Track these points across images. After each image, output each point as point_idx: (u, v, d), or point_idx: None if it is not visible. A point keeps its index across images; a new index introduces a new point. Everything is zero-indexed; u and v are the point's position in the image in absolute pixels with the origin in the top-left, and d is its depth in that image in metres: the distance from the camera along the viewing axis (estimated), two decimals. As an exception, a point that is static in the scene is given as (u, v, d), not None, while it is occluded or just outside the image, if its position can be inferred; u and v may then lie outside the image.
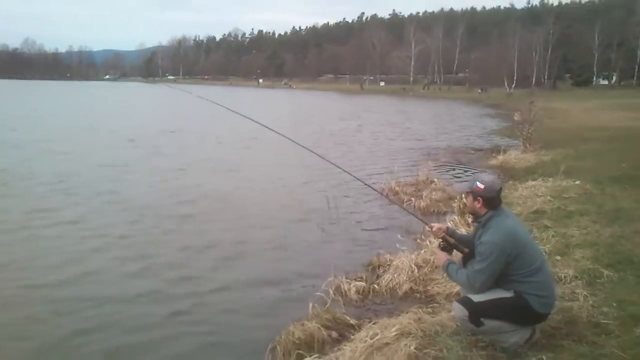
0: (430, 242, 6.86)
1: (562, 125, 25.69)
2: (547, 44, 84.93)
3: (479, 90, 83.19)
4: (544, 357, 3.85)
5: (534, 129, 17.36)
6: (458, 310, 4.13)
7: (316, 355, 4.36)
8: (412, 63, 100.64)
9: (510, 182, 11.74)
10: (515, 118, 18.45)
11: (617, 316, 4.52)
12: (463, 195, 8.84)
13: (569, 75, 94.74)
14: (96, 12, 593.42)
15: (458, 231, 4.82)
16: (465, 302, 4.08)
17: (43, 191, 11.43)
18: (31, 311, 5.75)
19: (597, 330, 4.32)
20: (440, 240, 4.45)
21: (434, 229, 4.46)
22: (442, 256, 4.39)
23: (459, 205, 9.12)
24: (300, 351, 4.51)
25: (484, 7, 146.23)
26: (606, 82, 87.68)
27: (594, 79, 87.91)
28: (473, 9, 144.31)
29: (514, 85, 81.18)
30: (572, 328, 4.39)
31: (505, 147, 17.75)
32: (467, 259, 4.33)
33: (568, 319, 4.53)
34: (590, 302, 4.82)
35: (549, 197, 9.23)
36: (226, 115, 6.54)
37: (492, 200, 4.07)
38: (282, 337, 4.78)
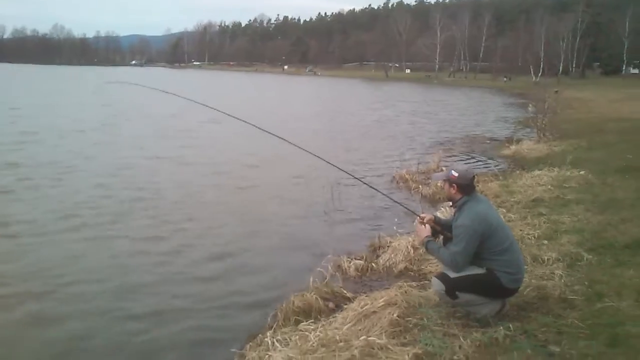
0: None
1: (582, 116, 25.61)
2: (576, 31, 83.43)
3: (504, 79, 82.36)
4: (510, 325, 4.35)
5: (547, 119, 17.59)
6: (436, 285, 4.66)
7: (312, 320, 4.94)
8: (438, 50, 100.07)
9: (517, 171, 12.11)
10: (529, 109, 18.69)
11: (585, 293, 5.00)
12: (439, 183, 9.37)
13: (598, 64, 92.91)
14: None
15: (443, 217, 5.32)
16: (443, 278, 4.60)
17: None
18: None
19: (564, 305, 4.80)
20: (429, 228, 4.92)
21: (425, 220, 4.92)
22: (422, 232, 4.84)
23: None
24: (299, 317, 5.09)
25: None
26: (637, 71, 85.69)
27: (624, 67, 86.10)
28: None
29: (540, 74, 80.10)
30: (543, 303, 4.88)
31: (519, 137, 18.01)
32: (448, 241, 4.84)
33: (541, 295, 5.02)
34: (564, 281, 5.30)
35: (549, 186, 9.64)
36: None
37: (465, 187, 4.57)
38: (283, 305, 5.39)
